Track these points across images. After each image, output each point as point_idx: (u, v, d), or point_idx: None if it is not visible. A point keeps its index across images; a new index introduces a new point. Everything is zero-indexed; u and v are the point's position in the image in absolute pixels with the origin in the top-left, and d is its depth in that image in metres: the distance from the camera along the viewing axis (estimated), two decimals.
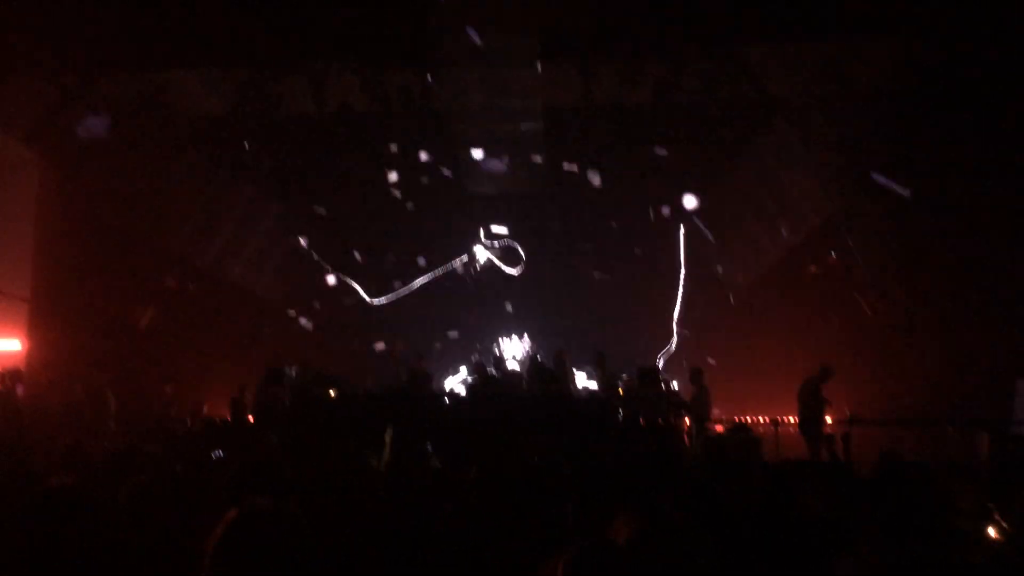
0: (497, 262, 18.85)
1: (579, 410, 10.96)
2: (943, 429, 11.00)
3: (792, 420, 12.85)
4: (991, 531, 4.27)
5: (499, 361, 15.85)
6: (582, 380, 14.74)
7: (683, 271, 17.75)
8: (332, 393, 11.66)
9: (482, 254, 18.92)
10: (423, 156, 16.49)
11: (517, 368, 14.66)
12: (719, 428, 12.71)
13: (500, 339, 18.03)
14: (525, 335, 17.91)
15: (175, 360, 15.79)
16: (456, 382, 16.40)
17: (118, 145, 14.40)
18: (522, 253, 18.65)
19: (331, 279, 18.53)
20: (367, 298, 18.71)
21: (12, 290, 14.30)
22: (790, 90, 14.16)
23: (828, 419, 12.44)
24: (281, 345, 16.55)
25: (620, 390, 13.16)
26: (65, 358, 14.25)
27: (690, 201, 16.46)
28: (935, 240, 12.96)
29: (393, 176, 17.00)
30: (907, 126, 12.76)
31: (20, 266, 14.70)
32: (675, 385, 15.01)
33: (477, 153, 16.02)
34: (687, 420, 12.87)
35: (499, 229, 18.71)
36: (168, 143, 15.13)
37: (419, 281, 18.77)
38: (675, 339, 17.58)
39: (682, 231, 17.71)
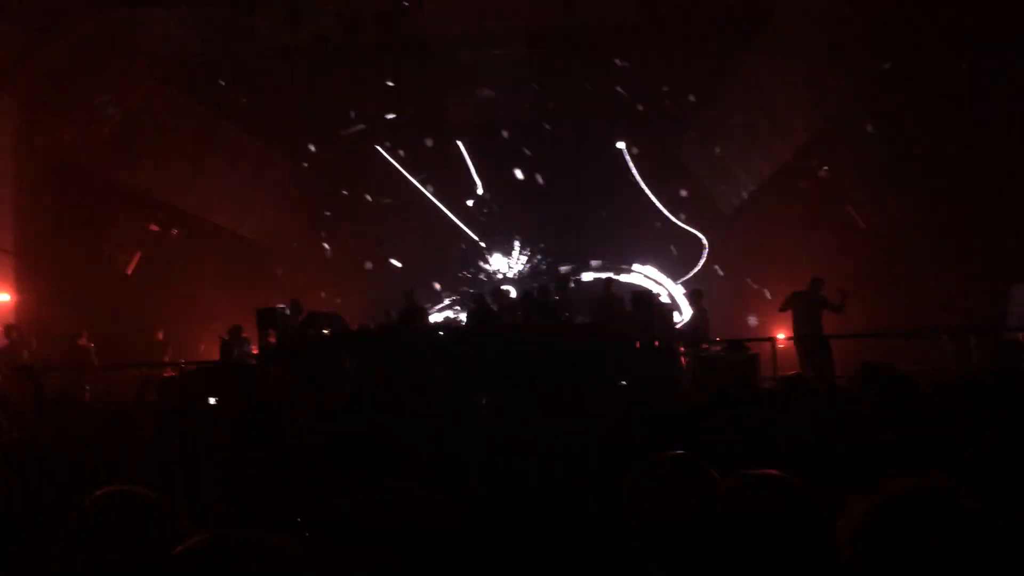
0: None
1: (574, 340, 10.82)
2: (940, 339, 10.97)
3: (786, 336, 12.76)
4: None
5: (496, 291, 15.73)
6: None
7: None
8: (325, 332, 11.56)
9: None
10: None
11: (514, 294, 14.51)
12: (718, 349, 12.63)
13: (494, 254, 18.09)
14: (517, 244, 17.91)
15: (165, 305, 15.62)
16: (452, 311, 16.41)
17: (93, 87, 14.05)
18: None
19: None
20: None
21: None
22: None
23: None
24: (274, 285, 16.43)
25: None
26: (53, 309, 14.09)
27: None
28: (926, 150, 12.75)
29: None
30: (902, 29, 12.40)
31: (2, 219, 14.46)
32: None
33: None
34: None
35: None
36: (144, 83, 14.76)
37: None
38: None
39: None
